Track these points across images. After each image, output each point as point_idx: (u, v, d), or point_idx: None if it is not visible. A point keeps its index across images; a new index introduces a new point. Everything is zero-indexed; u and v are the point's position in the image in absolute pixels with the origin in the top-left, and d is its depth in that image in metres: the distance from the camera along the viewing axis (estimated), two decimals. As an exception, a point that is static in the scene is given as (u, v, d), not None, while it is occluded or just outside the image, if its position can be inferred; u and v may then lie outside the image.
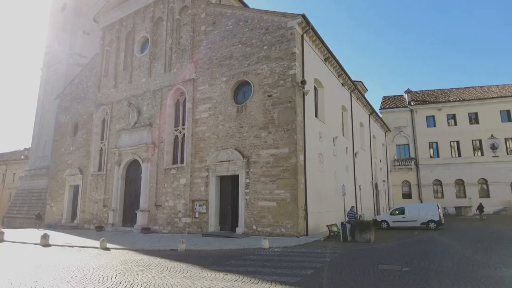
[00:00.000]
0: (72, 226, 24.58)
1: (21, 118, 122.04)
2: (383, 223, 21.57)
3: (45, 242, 15.26)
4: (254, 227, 15.77)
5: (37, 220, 27.99)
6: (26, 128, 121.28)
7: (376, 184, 32.68)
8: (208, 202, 17.52)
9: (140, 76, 22.59)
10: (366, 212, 26.55)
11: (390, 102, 43.99)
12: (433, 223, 20.02)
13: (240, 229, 16.12)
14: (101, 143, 24.43)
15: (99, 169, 24.09)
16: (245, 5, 22.21)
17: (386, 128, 39.33)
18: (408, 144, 40.98)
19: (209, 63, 19.06)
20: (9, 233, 19.52)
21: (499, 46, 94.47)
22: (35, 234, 19.68)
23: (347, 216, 15.80)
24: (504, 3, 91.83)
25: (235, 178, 17.01)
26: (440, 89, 44.17)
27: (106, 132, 24.05)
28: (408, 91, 43.14)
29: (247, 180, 16.36)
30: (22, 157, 50.51)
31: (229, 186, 17.47)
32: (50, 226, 25.98)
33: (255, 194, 16.00)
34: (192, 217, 18.04)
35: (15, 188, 44.80)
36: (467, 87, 42.98)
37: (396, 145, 41.46)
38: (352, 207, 16.76)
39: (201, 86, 19.16)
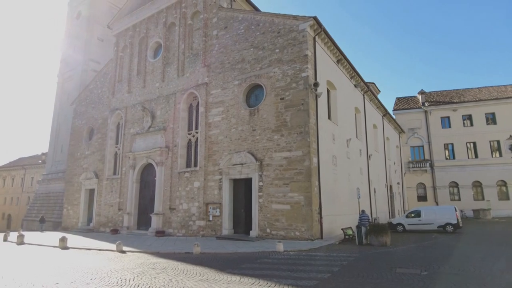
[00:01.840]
0: (88, 229, 24.98)
1: (39, 123, 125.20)
2: (398, 226, 21.22)
3: (63, 244, 15.58)
4: (268, 230, 15.73)
5: (41, 223, 28.92)
6: (44, 133, 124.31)
7: (391, 187, 32.21)
8: (222, 205, 17.57)
9: (153, 81, 22.91)
10: (381, 215, 26.18)
11: (404, 103, 43.38)
12: (450, 226, 19.59)
13: (254, 232, 16.10)
14: (116, 147, 24.82)
15: (114, 173, 24.46)
16: (256, 9, 22.30)
17: (399, 129, 38.78)
18: (422, 146, 40.29)
19: (222, 67, 19.19)
20: (28, 236, 19.98)
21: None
22: (43, 236, 20.10)
23: (361, 219, 15.61)
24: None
25: (248, 181, 17.02)
26: (454, 90, 43.35)
27: (120, 137, 24.43)
28: (421, 92, 42.48)
29: (260, 183, 16.35)
30: (40, 161, 51.76)
31: (242, 189, 17.49)
32: (67, 229, 26.49)
33: (269, 197, 15.97)
34: (206, 220, 18.11)
35: (33, 192, 45.93)
36: (483, 87, 42.03)
37: (410, 146, 40.81)
38: (363, 210, 16.55)
39: (213, 90, 19.30)
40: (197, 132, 19.91)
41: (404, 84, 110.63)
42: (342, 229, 16.14)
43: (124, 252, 13.48)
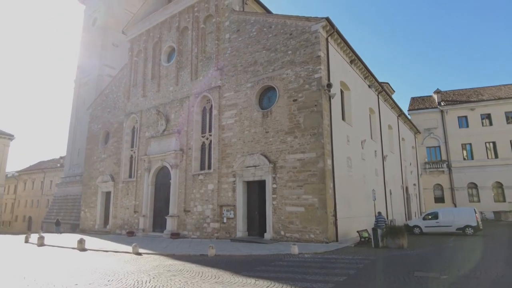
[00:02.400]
0: (105, 231, 25.44)
1: (58, 128, 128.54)
2: (415, 228, 20.80)
3: (81, 246, 15.90)
4: (282, 232, 15.66)
5: (56, 226, 29.81)
6: (62, 137, 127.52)
7: (407, 188, 31.61)
8: (236, 208, 17.61)
9: (167, 84, 23.21)
10: (397, 217, 25.71)
11: (419, 103, 42.60)
12: (470, 229, 19.07)
13: (268, 235, 16.06)
14: (131, 150, 25.23)
15: (130, 176, 24.85)
16: (268, 11, 22.33)
17: (415, 130, 38.07)
18: (439, 146, 39.42)
19: (234, 70, 19.28)
20: (48, 238, 20.47)
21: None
22: (62, 238, 20.57)
23: (377, 221, 15.37)
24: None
25: (261, 183, 17.01)
26: (472, 88, 42.31)
27: (136, 140, 24.81)
28: (437, 91, 41.62)
29: (274, 185, 16.31)
30: (58, 165, 53.06)
31: (256, 191, 17.48)
32: (84, 231, 27.05)
33: (282, 199, 15.91)
34: (220, 222, 18.18)
35: (52, 194, 47.11)
36: (502, 85, 40.85)
37: (426, 147, 40.00)
38: (379, 212, 16.29)
39: (226, 92, 19.40)
40: (210, 135, 20.04)
41: (419, 84, 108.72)
42: (357, 231, 15.95)
43: (140, 254, 13.66)
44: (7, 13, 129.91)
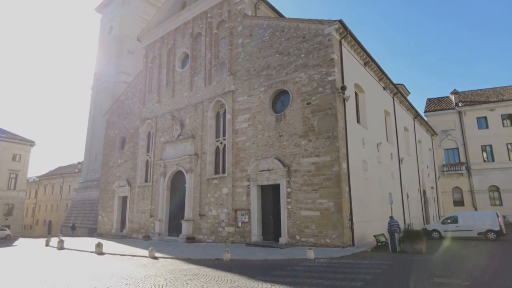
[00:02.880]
0: (122, 235, 25.82)
1: (76, 134, 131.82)
2: (434, 233, 20.27)
3: (99, 250, 16.21)
4: (298, 237, 15.54)
5: (72, 230, 30.62)
6: (80, 143, 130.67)
7: (424, 191, 30.91)
8: (250, 212, 17.59)
9: (182, 90, 23.50)
10: (415, 221, 25.15)
11: (435, 105, 41.70)
12: (492, 233, 18.44)
13: (283, 239, 15.97)
14: (147, 155, 25.60)
15: (146, 181, 25.20)
16: (280, 16, 22.38)
17: (432, 132, 37.26)
18: (457, 148, 38.39)
19: (247, 75, 19.37)
20: (67, 241, 20.95)
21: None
22: (81, 242, 21.01)
23: (390, 225, 15.07)
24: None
25: (276, 187, 16.95)
26: (491, 88, 41.14)
27: (151, 145, 25.18)
28: (454, 92, 40.65)
29: (288, 189, 16.23)
30: (76, 170, 54.33)
31: (270, 195, 17.43)
32: (101, 235, 27.55)
33: (297, 203, 15.81)
34: (235, 226, 18.19)
35: (70, 199, 48.23)
36: (523, 84, 39.55)
37: (444, 149, 39.04)
38: (391, 216, 15.95)
39: (240, 97, 19.49)
40: (224, 139, 20.15)
41: (435, 85, 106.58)
42: (374, 235, 15.66)
43: (156, 258, 13.80)
44: (27, 24, 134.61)
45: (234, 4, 20.91)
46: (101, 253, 15.99)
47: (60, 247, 19.07)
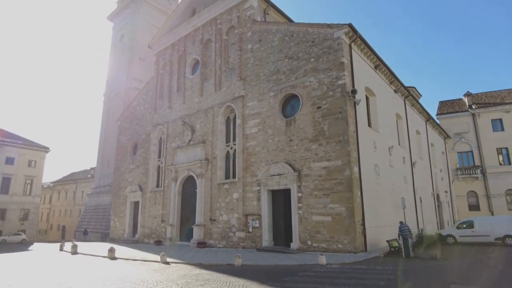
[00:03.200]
0: (134, 240, 26.03)
1: (89, 140, 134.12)
2: (448, 238, 19.86)
3: (111, 255, 16.37)
4: (309, 242, 15.41)
5: (84, 235, 31.13)
6: (93, 148, 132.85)
7: (438, 196, 30.34)
8: (261, 217, 17.54)
9: (192, 96, 23.72)
10: (428, 226, 24.67)
11: (448, 107, 41.02)
12: (510, 239, 17.94)
13: (294, 245, 15.85)
14: (159, 160, 25.85)
15: (157, 186, 25.42)
16: (290, 20, 22.45)
17: (445, 135, 36.63)
18: (471, 151, 37.59)
19: (257, 80, 19.44)
20: (81, 246, 21.23)
21: None
22: (93, 247, 21.25)
23: (401, 230, 14.82)
24: None
25: (286, 192, 16.88)
26: (506, 89, 40.27)
27: (163, 150, 25.42)
28: (468, 94, 39.93)
29: (299, 194, 16.14)
30: (89, 175, 55.17)
31: (281, 200, 17.37)
32: (114, 240, 27.83)
33: (308, 208, 15.70)
34: (245, 231, 18.16)
35: (83, 204, 48.96)
36: (539, 85, 38.58)
37: (458, 152, 38.28)
38: (401, 221, 15.68)
39: (249, 102, 19.56)
40: (235, 144, 20.21)
41: (447, 87, 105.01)
42: (387, 241, 15.40)
43: (168, 263, 13.85)
44: (41, 32, 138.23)
45: (244, 10, 21.08)
46: (114, 258, 16.14)
47: (74, 251, 19.33)
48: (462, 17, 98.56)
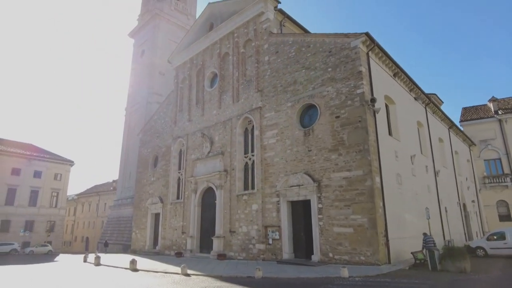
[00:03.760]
0: (154, 252, 26.28)
1: (111, 153, 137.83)
2: (478, 250, 18.98)
3: (133, 267, 16.57)
4: (331, 254, 15.10)
5: (105, 247, 31.74)
6: (115, 161, 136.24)
7: (464, 205, 29.18)
8: (281, 228, 17.37)
9: (211, 108, 24.08)
10: (456, 237, 23.70)
11: (472, 113, 39.76)
12: (545, 251, 16.98)
13: (315, 257, 15.57)
14: (179, 172, 26.21)
15: (178, 197, 25.71)
16: (305, 31, 22.59)
17: (469, 142, 35.41)
18: (499, 159, 36.11)
19: (274, 91, 19.55)
20: (103, 258, 21.61)
21: None
22: (116, 258, 21.55)
23: (425, 242, 14.31)
24: None
25: (306, 203, 16.69)
26: (534, 94, 38.70)
27: (182, 162, 25.78)
28: (493, 100, 38.61)
29: (320, 205, 15.92)
30: (111, 188, 56.44)
31: (301, 211, 17.17)
32: (135, 252, 28.19)
33: (329, 219, 15.44)
34: (265, 243, 18.00)
35: (106, 216, 50.00)
36: None
37: (484, 160, 36.85)
38: (425, 233, 15.15)
39: (267, 113, 19.65)
40: (253, 155, 20.26)
41: (469, 93, 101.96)
42: (412, 253, 14.90)
43: (188, 275, 13.89)
44: (70, 49, 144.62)
45: (260, 23, 21.40)
46: (135, 270, 16.34)
47: (97, 263, 19.71)
48: (483, 20, 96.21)
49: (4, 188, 43.02)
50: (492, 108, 38.11)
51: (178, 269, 14.83)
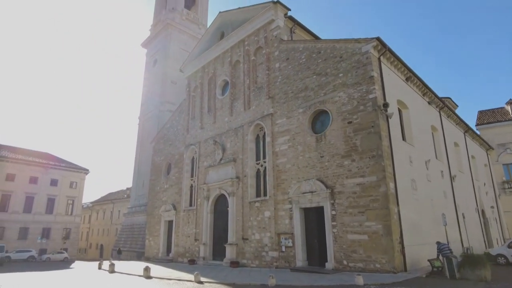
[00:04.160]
0: (168, 259, 26.37)
1: (125, 161, 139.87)
2: (499, 258, 18.38)
3: (147, 274, 16.66)
4: (345, 262, 14.88)
5: (119, 254, 32.04)
6: (128, 169, 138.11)
7: (483, 211, 28.39)
8: (294, 236, 17.22)
9: (222, 116, 24.25)
10: (474, 244, 23.02)
11: (489, 117, 38.89)
12: None
13: (329, 264, 15.35)
14: (191, 180, 26.38)
15: (190, 205, 25.84)
16: (316, 37, 22.63)
17: (487, 146, 34.57)
18: (519, 163, 35.10)
19: (285, 97, 19.58)
20: (118, 265, 21.82)
21: None
22: (129, 266, 21.71)
23: (440, 250, 13.94)
24: None
25: (319, 210, 16.53)
26: (554, 96, 37.65)
27: (195, 170, 25.96)
28: (510, 102, 37.72)
29: (333, 212, 15.75)
30: (125, 196, 57.20)
31: (314, 218, 17.01)
32: (149, 259, 28.36)
33: (343, 226, 15.24)
34: (278, 251, 17.87)
35: (120, 223, 50.60)
36: None
37: (503, 164, 35.88)
38: (438, 241, 14.76)
39: (278, 119, 19.67)
40: (265, 162, 20.25)
41: (485, 96, 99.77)
42: (428, 260, 14.52)
43: (201, 282, 13.87)
44: (87, 61, 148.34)
45: (270, 30, 21.56)
46: (149, 277, 16.42)
47: (111, 270, 19.90)
48: (497, 20, 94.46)
49: (23, 196, 44.14)
50: (510, 111, 37.25)
51: (191, 277, 14.83)
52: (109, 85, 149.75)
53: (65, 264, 32.30)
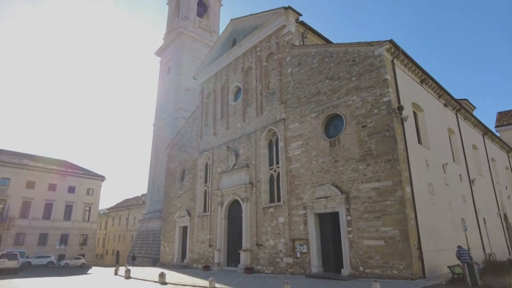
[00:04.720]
0: (183, 265, 26.47)
1: (140, 168, 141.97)
2: (523, 264, 17.65)
3: (162, 280, 16.76)
4: (361, 268, 14.61)
5: (132, 260, 32.32)
6: (144, 176, 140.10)
7: (505, 216, 27.46)
8: (309, 242, 17.04)
9: (235, 122, 24.38)
10: (497, 250, 22.25)
11: (508, 118, 37.84)
12: None
13: (345, 271, 15.10)
14: (205, 186, 26.53)
15: (204, 210, 25.95)
16: (328, 41, 22.58)
17: (507, 148, 33.54)
18: (542, 165, 33.87)
19: (298, 102, 19.55)
20: (133, 271, 22.05)
21: None
22: (145, 272, 21.88)
23: (460, 255, 13.52)
24: None
25: (334, 215, 16.32)
26: None
27: (209, 176, 26.11)
28: (531, 103, 36.59)
29: (348, 217, 15.52)
30: (140, 202, 57.89)
31: (329, 224, 16.80)
32: (164, 265, 28.54)
33: (359, 232, 15.00)
34: (293, 257, 17.70)
35: (135, 230, 51.16)
36: None
37: (525, 167, 34.67)
38: (459, 246, 14.34)
39: (291, 124, 19.62)
40: (278, 167, 20.19)
41: (504, 97, 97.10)
42: (448, 266, 14.10)
43: (217, 288, 13.84)
44: (105, 71, 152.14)
45: (282, 36, 21.63)
46: (164, 283, 16.50)
47: (127, 276, 20.11)
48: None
49: (42, 203, 45.28)
50: (531, 112, 36.08)
51: (206, 283, 14.82)
52: (125, 92, 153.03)
53: (82, 270, 32.85)
